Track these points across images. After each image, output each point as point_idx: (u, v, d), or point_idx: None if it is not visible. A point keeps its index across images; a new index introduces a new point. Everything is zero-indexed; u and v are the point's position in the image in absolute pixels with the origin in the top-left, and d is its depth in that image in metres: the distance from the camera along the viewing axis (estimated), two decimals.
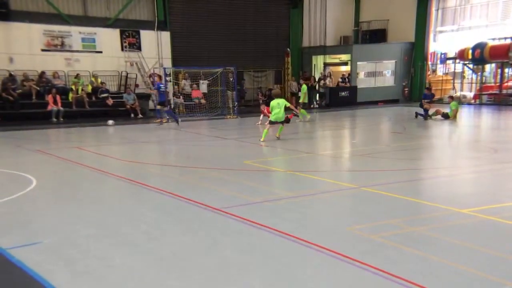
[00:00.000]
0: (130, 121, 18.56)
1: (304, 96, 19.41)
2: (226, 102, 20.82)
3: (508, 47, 21.30)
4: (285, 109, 12.71)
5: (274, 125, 12.81)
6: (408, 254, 4.60)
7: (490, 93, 23.54)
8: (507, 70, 23.26)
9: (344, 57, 26.29)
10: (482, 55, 22.07)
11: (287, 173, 8.72)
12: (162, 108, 17.25)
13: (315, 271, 4.29)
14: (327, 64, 26.63)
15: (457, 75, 25.34)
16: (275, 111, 12.48)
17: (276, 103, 12.57)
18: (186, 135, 14.77)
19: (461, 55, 23.46)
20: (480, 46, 22.20)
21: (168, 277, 4.24)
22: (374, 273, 4.17)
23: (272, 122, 12.67)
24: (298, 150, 11.23)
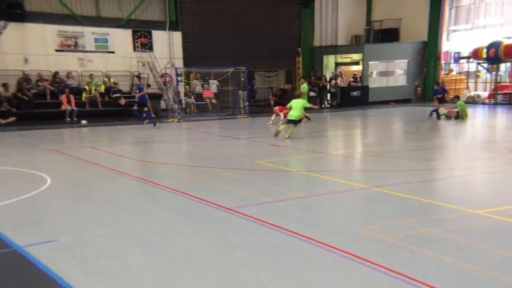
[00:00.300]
0: (142, 120, 18.66)
1: (304, 96, 19.24)
2: (237, 102, 20.84)
3: None
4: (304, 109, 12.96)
5: (289, 124, 12.89)
6: (420, 254, 4.57)
7: (505, 92, 23.20)
8: None
9: (355, 56, 26.13)
10: (497, 54, 21.74)
11: (299, 173, 8.72)
12: (141, 108, 17.05)
13: (326, 271, 4.28)
14: (338, 63, 26.50)
15: (471, 75, 25.02)
16: (293, 111, 12.74)
17: (295, 103, 12.86)
18: (198, 135, 14.84)
19: (475, 54, 23.15)
20: (494, 45, 21.87)
21: (180, 276, 4.28)
22: (385, 273, 4.15)
23: (289, 121, 12.81)
24: (309, 150, 11.20)
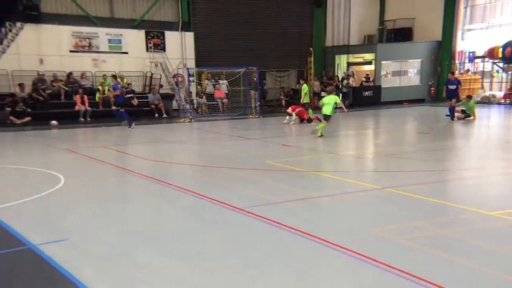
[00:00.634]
0: (154, 120, 18.83)
1: (304, 96, 19.14)
2: (248, 102, 20.86)
3: None
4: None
5: (324, 120, 13.28)
6: (434, 256, 4.51)
7: None
8: None
9: (368, 56, 25.94)
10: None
11: (310, 173, 8.68)
12: (118, 108, 16.98)
13: (338, 272, 4.26)
14: (350, 63, 26.34)
15: (486, 74, 24.65)
16: (325, 107, 13.18)
17: (327, 99, 13.32)
18: (209, 135, 14.89)
19: (490, 54, 22.80)
20: (511, 44, 21.51)
21: (192, 275, 4.29)
22: (398, 275, 4.11)
23: (324, 117, 13.27)
24: (321, 150, 11.15)
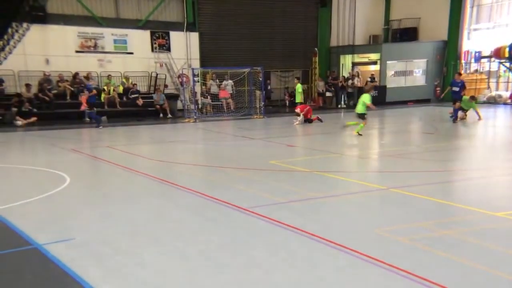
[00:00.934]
0: (159, 121, 18.90)
1: (299, 96, 19.07)
2: (253, 102, 20.88)
3: None
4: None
5: (358, 119, 13.21)
6: (439, 258, 4.49)
7: None
8: None
9: (373, 56, 25.87)
10: None
11: (314, 173, 8.67)
12: (90, 109, 16.94)
13: (342, 273, 4.25)
14: (355, 63, 26.28)
15: (492, 74, 24.50)
16: (358, 106, 13.15)
17: (361, 98, 13.16)
18: (214, 135, 14.92)
19: (497, 54, 22.65)
20: None
21: (196, 275, 4.30)
22: (404, 276, 4.10)
23: (358, 115, 13.21)
24: (325, 150, 11.14)
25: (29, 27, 19.37)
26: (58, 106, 18.79)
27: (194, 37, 22.79)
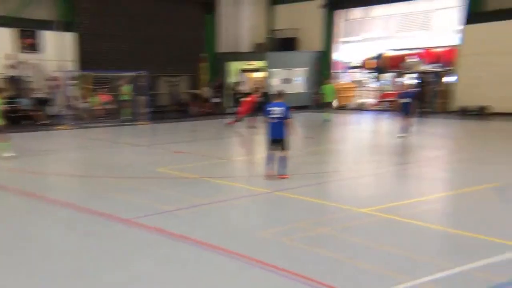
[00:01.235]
0: (28, 128, 16.96)
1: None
2: (137, 107, 20.16)
3: (402, 58, 23.54)
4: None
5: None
6: (316, 254, 4.87)
7: (389, 100, 25.65)
8: (402, 79, 25.47)
9: (258, 63, 26.92)
10: (382, 65, 24.11)
11: (202, 179, 8.73)
12: None
13: (231, 278, 4.35)
14: (243, 70, 27.08)
15: (360, 83, 27.24)
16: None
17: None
18: (93, 143, 14.05)
19: (365, 64, 25.35)
20: (380, 56, 24.23)
21: None
22: (282, 275, 4.35)
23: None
24: (212, 156, 11.27)
25: None
26: None
27: (71, 37, 21.15)
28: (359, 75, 27.06)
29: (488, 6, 20.59)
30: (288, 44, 27.43)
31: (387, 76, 25.29)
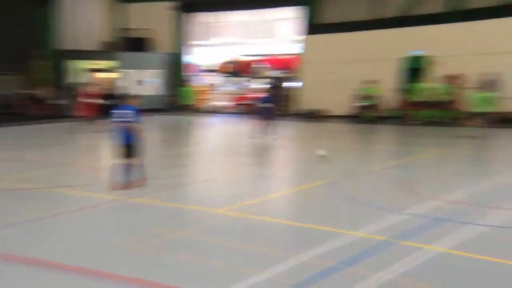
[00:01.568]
0: None
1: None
2: None
3: (249, 63, 25.06)
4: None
5: None
6: (171, 260, 4.68)
7: (243, 103, 26.75)
8: (252, 83, 26.86)
9: (107, 63, 25.35)
10: (238, 69, 25.20)
11: (42, 190, 7.71)
12: None
13: None
14: (91, 70, 25.17)
15: (215, 86, 27.81)
16: None
17: None
18: None
19: (221, 68, 26.11)
20: (234, 61, 25.28)
21: None
22: (135, 286, 4.07)
23: None
24: (54, 163, 10.15)
25: None
26: None
27: None
28: (214, 78, 27.63)
29: (326, 19, 23.05)
30: (140, 44, 26.47)
31: (241, 80, 26.44)
